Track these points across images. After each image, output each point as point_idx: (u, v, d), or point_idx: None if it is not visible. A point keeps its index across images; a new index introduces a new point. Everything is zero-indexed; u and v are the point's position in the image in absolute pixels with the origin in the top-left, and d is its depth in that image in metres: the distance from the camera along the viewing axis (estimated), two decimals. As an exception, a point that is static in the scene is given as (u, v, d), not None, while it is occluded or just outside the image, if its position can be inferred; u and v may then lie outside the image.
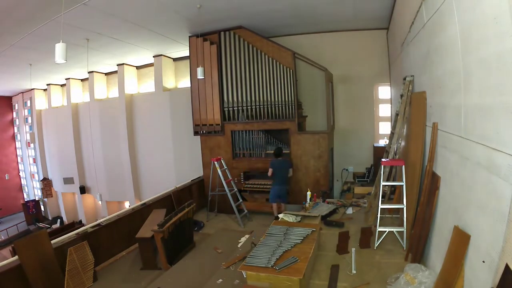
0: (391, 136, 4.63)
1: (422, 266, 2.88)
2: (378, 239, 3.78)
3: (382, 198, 4.20)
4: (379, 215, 3.80)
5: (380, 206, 3.80)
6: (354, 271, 3.27)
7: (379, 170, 4.14)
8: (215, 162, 6.34)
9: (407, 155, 4.12)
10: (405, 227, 3.63)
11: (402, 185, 3.68)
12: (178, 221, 4.91)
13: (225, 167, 6.60)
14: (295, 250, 3.18)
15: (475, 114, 2.05)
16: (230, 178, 6.55)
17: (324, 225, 4.63)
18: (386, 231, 3.78)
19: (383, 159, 4.22)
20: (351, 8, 6.14)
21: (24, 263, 3.71)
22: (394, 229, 3.78)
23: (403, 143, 4.49)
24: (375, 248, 3.76)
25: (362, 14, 6.45)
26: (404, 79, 4.28)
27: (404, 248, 3.64)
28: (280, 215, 4.36)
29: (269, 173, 5.92)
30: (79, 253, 4.29)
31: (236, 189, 6.55)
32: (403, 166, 3.70)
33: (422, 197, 3.31)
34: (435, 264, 2.85)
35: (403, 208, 3.65)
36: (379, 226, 3.79)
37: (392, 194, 4.70)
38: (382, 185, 3.85)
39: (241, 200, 6.52)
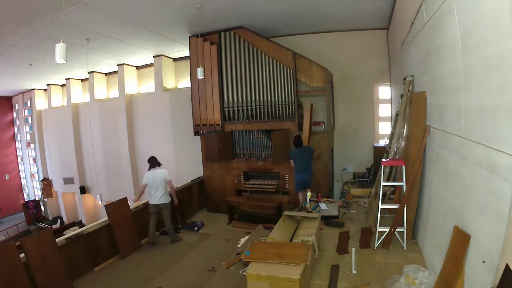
0: (391, 136, 4.63)
1: (421, 267, 2.88)
2: (378, 239, 3.78)
3: (382, 198, 4.20)
4: (379, 215, 3.80)
5: (380, 206, 3.80)
6: (354, 271, 3.27)
7: (379, 170, 4.15)
8: None
9: (407, 155, 4.12)
10: (405, 227, 3.63)
11: (402, 185, 3.69)
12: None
13: None
14: (292, 251, 3.16)
15: (475, 114, 2.05)
16: None
17: (324, 225, 4.63)
18: (386, 231, 3.78)
19: (383, 159, 4.22)
20: (351, 8, 6.14)
21: (30, 259, 3.77)
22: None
23: (403, 143, 4.49)
24: (375, 248, 3.76)
25: (362, 14, 6.46)
26: (404, 79, 4.28)
27: (405, 248, 3.64)
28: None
29: (292, 164, 5.91)
30: None
31: None
32: (403, 166, 3.70)
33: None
34: (435, 264, 2.85)
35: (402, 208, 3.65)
36: (379, 226, 3.79)
37: (392, 194, 4.70)
38: (382, 185, 3.86)
39: None
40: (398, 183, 3.85)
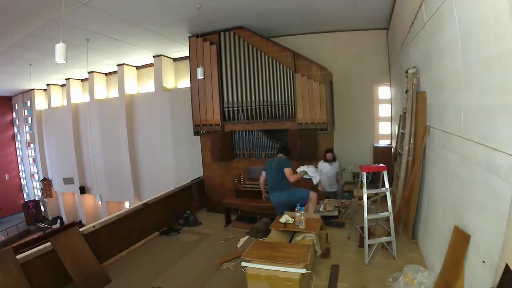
0: (401, 136, 4.27)
1: (420, 267, 2.89)
2: (369, 252, 3.49)
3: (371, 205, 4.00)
4: (366, 226, 3.43)
5: (367, 217, 3.43)
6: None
7: (359, 176, 3.79)
8: None
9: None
10: (393, 236, 3.45)
11: (386, 192, 3.49)
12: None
13: None
14: (293, 250, 3.16)
15: (475, 114, 2.05)
16: None
17: (324, 225, 4.62)
18: (375, 244, 3.55)
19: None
20: (351, 8, 6.14)
21: (62, 256, 4.00)
22: (382, 240, 3.56)
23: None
24: (365, 263, 3.44)
25: (362, 14, 6.45)
26: (406, 71, 3.95)
27: (395, 258, 3.46)
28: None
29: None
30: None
31: None
32: (385, 172, 3.54)
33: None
34: (435, 264, 2.85)
35: (389, 216, 3.47)
36: (369, 239, 3.46)
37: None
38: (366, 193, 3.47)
39: None
40: (381, 189, 3.63)
